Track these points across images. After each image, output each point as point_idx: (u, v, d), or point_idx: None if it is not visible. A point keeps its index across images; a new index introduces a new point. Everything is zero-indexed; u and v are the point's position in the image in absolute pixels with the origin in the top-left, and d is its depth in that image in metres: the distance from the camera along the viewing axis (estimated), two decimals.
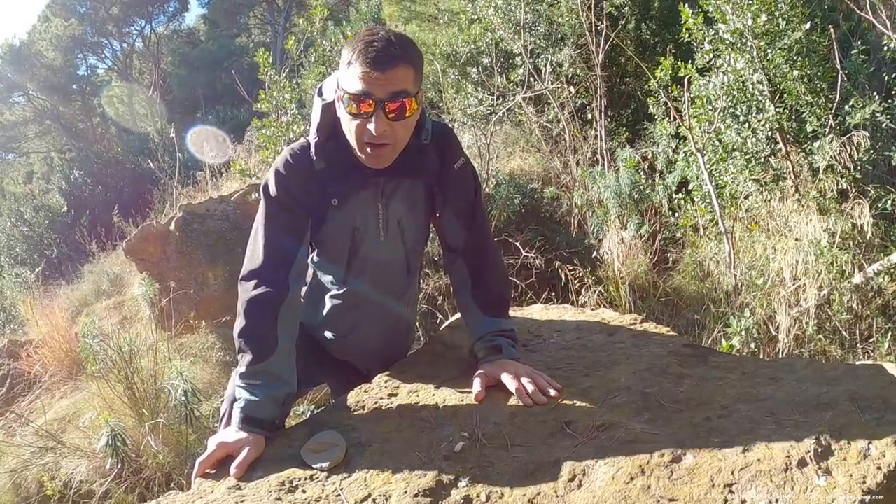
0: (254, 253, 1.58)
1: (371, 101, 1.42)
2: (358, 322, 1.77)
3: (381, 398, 1.61)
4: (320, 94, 1.64)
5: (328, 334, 1.82)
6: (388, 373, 1.74)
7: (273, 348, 1.50)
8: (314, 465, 1.36)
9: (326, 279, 1.75)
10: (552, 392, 1.49)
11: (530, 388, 1.49)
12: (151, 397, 3.43)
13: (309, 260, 1.74)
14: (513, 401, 1.50)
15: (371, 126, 1.43)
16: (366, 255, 1.67)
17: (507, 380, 1.52)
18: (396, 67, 1.42)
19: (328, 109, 1.58)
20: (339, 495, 1.27)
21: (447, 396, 1.57)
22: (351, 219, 1.63)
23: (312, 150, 1.58)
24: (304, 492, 1.29)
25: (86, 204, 11.59)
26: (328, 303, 1.76)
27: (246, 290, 1.54)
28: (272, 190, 1.58)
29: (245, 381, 1.48)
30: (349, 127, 1.49)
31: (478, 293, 1.70)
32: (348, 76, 1.44)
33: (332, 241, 1.67)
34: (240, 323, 1.51)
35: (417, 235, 1.74)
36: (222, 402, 1.72)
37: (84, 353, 3.99)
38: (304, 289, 1.78)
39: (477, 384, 1.54)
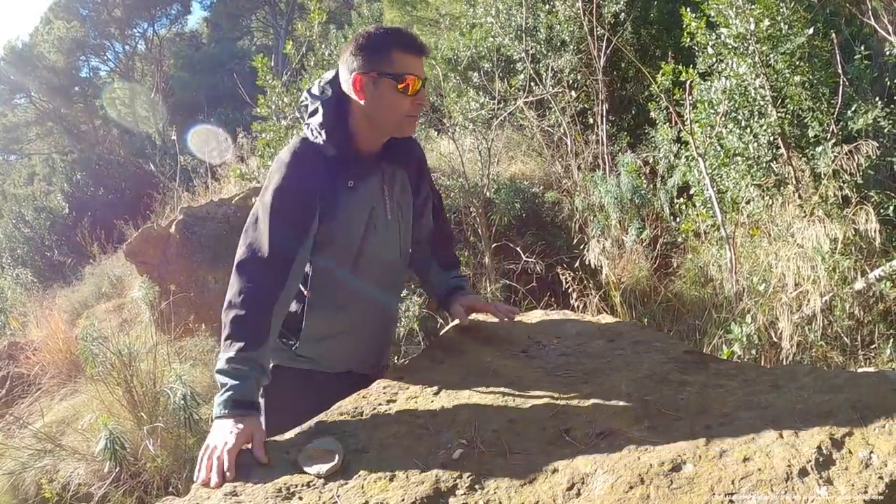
0: (257, 242, 1.58)
1: (420, 79, 1.67)
2: (355, 315, 1.78)
3: (380, 404, 1.59)
4: (322, 92, 1.71)
5: (322, 335, 1.77)
6: (386, 379, 1.73)
7: (264, 341, 1.55)
8: (311, 472, 1.35)
9: (334, 269, 1.73)
10: (514, 317, 1.92)
11: (503, 308, 1.91)
12: (150, 401, 3.43)
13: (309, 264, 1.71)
14: (511, 407, 1.49)
15: (421, 99, 1.70)
16: (377, 238, 1.75)
17: (480, 305, 1.93)
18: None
19: (331, 104, 1.68)
20: (336, 502, 1.26)
21: (446, 403, 1.56)
22: (367, 200, 1.73)
23: (322, 138, 1.66)
24: (300, 499, 1.28)
25: (87, 206, 11.59)
26: (332, 296, 1.75)
27: (248, 278, 1.56)
28: (281, 181, 1.62)
29: (233, 366, 1.50)
30: (396, 103, 1.65)
31: (439, 256, 2.01)
32: (396, 62, 1.63)
33: (345, 225, 1.70)
34: (237, 311, 1.53)
35: (408, 223, 1.88)
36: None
37: (83, 355, 3.99)
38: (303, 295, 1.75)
39: (459, 314, 1.88)
